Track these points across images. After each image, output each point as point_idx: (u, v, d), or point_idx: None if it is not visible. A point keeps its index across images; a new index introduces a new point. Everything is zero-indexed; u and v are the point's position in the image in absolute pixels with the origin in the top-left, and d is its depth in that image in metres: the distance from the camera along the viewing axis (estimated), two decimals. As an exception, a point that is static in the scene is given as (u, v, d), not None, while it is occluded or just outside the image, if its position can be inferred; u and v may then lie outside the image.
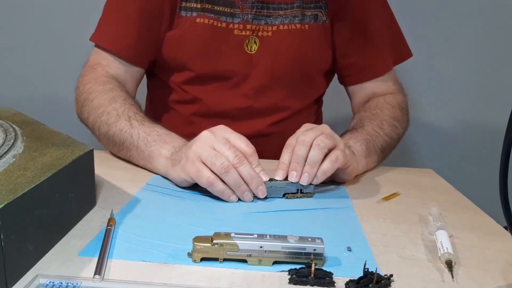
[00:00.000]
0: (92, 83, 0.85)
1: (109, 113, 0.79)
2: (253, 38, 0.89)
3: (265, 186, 0.65)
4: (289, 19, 0.91)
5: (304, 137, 0.67)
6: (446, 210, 0.66)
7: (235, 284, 0.45)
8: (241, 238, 0.48)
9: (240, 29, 0.89)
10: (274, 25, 0.90)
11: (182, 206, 0.63)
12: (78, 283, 0.43)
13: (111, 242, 0.51)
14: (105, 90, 0.83)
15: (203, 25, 0.88)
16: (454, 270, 0.49)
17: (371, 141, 0.83)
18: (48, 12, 1.47)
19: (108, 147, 0.83)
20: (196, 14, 0.88)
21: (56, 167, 0.50)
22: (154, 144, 0.73)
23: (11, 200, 0.41)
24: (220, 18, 0.88)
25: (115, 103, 0.80)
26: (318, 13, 0.93)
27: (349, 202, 0.68)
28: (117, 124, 0.77)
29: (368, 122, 0.87)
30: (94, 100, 0.82)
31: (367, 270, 0.45)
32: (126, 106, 0.80)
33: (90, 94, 0.84)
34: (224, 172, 0.62)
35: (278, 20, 0.90)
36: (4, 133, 0.55)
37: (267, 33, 0.90)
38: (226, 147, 0.64)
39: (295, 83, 0.95)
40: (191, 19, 0.88)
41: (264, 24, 0.90)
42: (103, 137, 0.81)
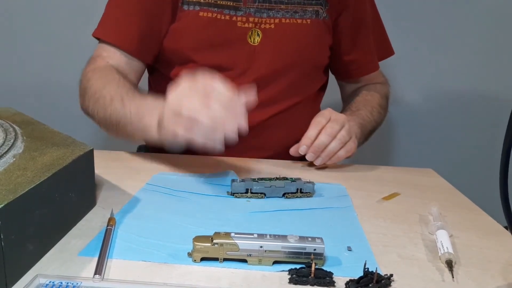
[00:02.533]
0: (91, 73, 0.86)
1: (104, 97, 0.79)
2: (256, 31, 0.91)
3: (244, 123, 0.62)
4: (290, 14, 0.93)
5: (331, 130, 0.82)
6: (446, 210, 0.66)
7: (235, 284, 0.45)
8: (241, 238, 0.48)
9: (243, 21, 0.91)
10: (276, 18, 0.92)
11: (182, 206, 0.63)
12: (78, 283, 0.43)
13: (111, 242, 0.51)
14: (101, 76, 0.84)
15: (207, 18, 0.89)
16: (454, 270, 0.49)
17: (364, 126, 0.96)
18: (49, 11, 1.47)
19: (108, 131, 0.82)
20: (199, 8, 0.89)
21: (56, 167, 0.50)
22: (144, 116, 0.72)
23: (11, 200, 0.41)
24: (224, 11, 0.90)
25: (109, 86, 0.80)
26: (319, 9, 0.96)
27: (349, 202, 0.68)
28: (112, 106, 0.77)
29: (362, 106, 1.00)
30: (91, 87, 0.83)
31: (367, 270, 0.45)
32: (120, 87, 0.80)
33: (88, 82, 0.85)
34: None
35: (280, 14, 0.92)
36: (4, 133, 0.55)
37: (269, 25, 0.92)
38: None
39: (296, 75, 0.96)
40: (194, 13, 0.89)
41: (267, 17, 0.92)
42: (102, 122, 0.81)
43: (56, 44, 1.49)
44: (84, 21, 1.11)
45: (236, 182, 0.67)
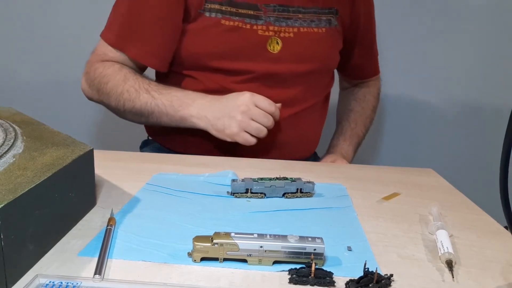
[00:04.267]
0: (101, 68, 0.94)
1: (128, 90, 0.90)
2: (275, 39, 0.94)
3: None
4: (307, 23, 0.97)
5: None
6: (446, 210, 0.66)
7: (235, 284, 0.45)
8: (241, 238, 0.48)
9: (264, 30, 0.94)
10: (295, 27, 0.96)
11: (182, 206, 0.63)
12: (78, 283, 0.43)
13: (111, 242, 0.51)
14: (116, 71, 0.92)
15: (229, 26, 0.92)
16: (454, 270, 0.49)
17: (358, 143, 1.13)
18: (49, 11, 1.47)
19: (134, 118, 0.94)
20: (221, 16, 0.92)
21: (56, 167, 0.50)
22: (181, 109, 0.88)
23: (11, 200, 0.41)
24: (245, 20, 0.93)
25: (128, 80, 0.91)
26: (331, 18, 1.01)
27: (349, 202, 0.68)
28: (140, 99, 0.90)
29: (359, 119, 1.14)
30: (109, 82, 0.92)
31: (367, 270, 0.45)
32: (139, 81, 0.91)
33: (103, 78, 0.93)
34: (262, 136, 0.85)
35: (298, 23, 0.96)
36: (4, 133, 0.55)
37: (288, 34, 0.95)
38: (261, 116, 0.84)
39: (312, 79, 1.01)
40: (215, 20, 0.92)
41: (285, 26, 0.95)
42: (129, 113, 0.92)
43: (56, 44, 1.49)
44: (85, 22, 1.12)
45: (236, 182, 0.67)
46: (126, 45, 0.94)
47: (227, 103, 0.86)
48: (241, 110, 0.83)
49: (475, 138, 1.54)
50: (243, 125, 0.84)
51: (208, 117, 0.86)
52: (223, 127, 0.85)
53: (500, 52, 1.47)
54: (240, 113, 0.84)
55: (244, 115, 0.83)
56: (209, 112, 0.86)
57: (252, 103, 0.84)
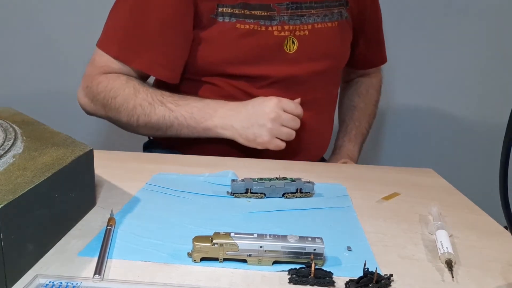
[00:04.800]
0: (105, 82, 0.88)
1: (141, 105, 0.86)
2: (291, 38, 0.92)
3: None
4: (320, 18, 0.95)
5: None
6: (446, 210, 0.66)
7: (235, 284, 0.45)
8: (241, 238, 0.48)
9: (279, 30, 0.91)
10: (309, 24, 0.94)
11: (182, 206, 0.63)
12: (78, 283, 0.43)
13: (111, 242, 0.51)
14: (123, 84, 0.87)
15: (244, 30, 0.88)
16: (454, 270, 0.49)
17: (363, 141, 1.12)
18: (49, 11, 1.47)
19: (149, 132, 0.93)
20: (235, 20, 0.88)
21: (56, 167, 0.50)
22: (204, 121, 0.86)
23: (11, 200, 0.41)
24: (259, 22, 0.89)
25: (139, 93, 0.87)
26: (342, 9, 0.99)
27: (349, 202, 0.68)
28: (156, 112, 0.86)
29: (363, 118, 1.13)
30: (117, 97, 0.87)
31: (367, 270, 0.45)
32: (150, 93, 0.87)
33: (110, 92, 0.87)
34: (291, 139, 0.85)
35: (312, 19, 0.94)
36: (4, 133, 0.55)
37: (303, 32, 0.93)
38: (290, 121, 0.84)
39: (329, 76, 1.00)
40: (230, 25, 0.88)
41: (300, 24, 0.93)
42: (143, 127, 0.89)
43: (56, 44, 1.49)
44: (85, 22, 1.11)
45: (236, 182, 0.67)
46: (131, 57, 0.88)
47: (254, 111, 0.84)
48: (271, 117, 0.82)
49: (475, 138, 1.54)
50: (275, 132, 0.83)
51: (235, 126, 0.84)
52: (254, 137, 0.84)
53: (501, 52, 1.47)
54: (270, 121, 0.82)
55: (274, 123, 0.82)
56: (235, 121, 0.84)
57: (280, 109, 0.83)
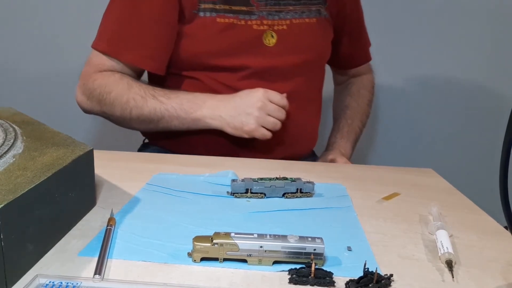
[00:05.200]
0: (100, 79, 0.93)
1: (134, 98, 0.91)
2: (270, 32, 0.96)
3: None
4: (298, 14, 0.99)
5: None
6: (446, 210, 0.66)
7: (235, 284, 0.45)
8: (241, 238, 0.48)
9: (258, 24, 0.95)
10: (287, 19, 0.98)
11: (182, 206, 0.63)
12: (78, 283, 0.43)
13: (111, 242, 0.51)
14: (117, 80, 0.92)
15: (224, 24, 0.93)
16: (454, 270, 0.49)
17: (356, 139, 1.13)
18: (49, 11, 1.47)
19: (141, 126, 0.96)
20: (216, 15, 0.93)
21: (56, 167, 0.50)
22: (193, 111, 0.90)
23: (11, 200, 0.41)
24: (239, 16, 0.94)
25: (132, 88, 0.92)
26: (320, 8, 1.03)
27: (349, 202, 0.68)
28: (148, 105, 0.90)
29: (355, 116, 1.15)
30: (112, 92, 0.92)
31: (367, 270, 0.45)
32: (143, 88, 0.92)
33: (105, 87, 0.92)
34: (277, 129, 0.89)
35: (290, 15, 0.98)
36: (4, 133, 0.55)
37: (282, 26, 0.97)
38: (276, 111, 0.88)
39: (309, 70, 1.02)
40: (211, 19, 0.93)
41: (278, 19, 0.97)
42: (136, 120, 0.92)
43: (56, 44, 1.50)
44: (86, 23, 1.11)
45: (236, 182, 0.67)
46: (120, 51, 0.93)
47: (241, 101, 0.88)
48: (258, 106, 0.86)
49: (475, 138, 1.54)
50: (261, 120, 0.87)
51: (223, 116, 0.88)
52: (241, 125, 0.87)
53: (501, 51, 1.47)
54: (256, 110, 0.86)
55: (261, 111, 0.86)
56: (223, 111, 0.88)
57: (266, 99, 0.87)
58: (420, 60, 1.49)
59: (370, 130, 1.54)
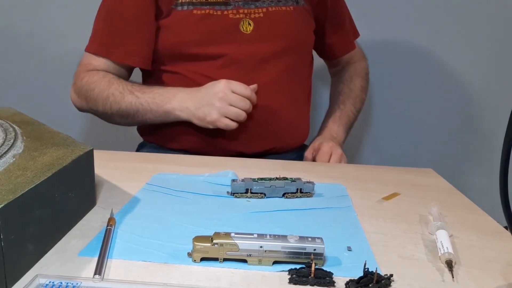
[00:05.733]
0: (87, 77, 0.99)
1: (113, 94, 0.95)
2: (246, 20, 0.99)
3: None
4: (274, 3, 1.02)
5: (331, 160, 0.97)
6: (446, 210, 0.66)
7: (235, 284, 0.45)
8: (241, 238, 0.48)
9: (234, 13, 0.98)
10: (263, 8, 1.01)
11: (182, 206, 0.63)
12: (78, 283, 0.43)
13: (111, 242, 0.51)
14: (100, 78, 0.98)
15: (201, 15, 0.96)
16: (454, 270, 0.49)
17: (349, 124, 1.14)
18: (49, 11, 1.47)
19: (121, 120, 0.99)
20: (193, 8, 0.97)
21: (56, 167, 0.50)
22: (164, 104, 0.93)
23: (11, 200, 0.41)
24: (215, 7, 0.97)
25: (113, 84, 0.96)
26: None
27: (349, 202, 0.68)
28: (125, 100, 0.95)
29: (347, 100, 1.16)
30: (95, 89, 0.97)
31: (367, 270, 0.45)
32: (122, 84, 0.96)
33: (90, 85, 0.98)
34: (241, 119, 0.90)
35: (266, 4, 1.01)
36: (4, 133, 0.55)
37: (258, 14, 1.00)
38: (238, 100, 0.88)
39: (289, 57, 1.03)
40: (187, 12, 0.96)
41: (254, 8, 1.00)
42: (116, 114, 0.97)
43: (57, 44, 1.49)
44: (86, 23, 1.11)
45: (236, 182, 0.67)
46: (110, 50, 0.99)
47: (205, 92, 0.90)
48: (219, 97, 0.88)
49: (475, 138, 1.54)
50: (222, 110, 0.88)
51: (190, 107, 0.91)
52: (204, 115, 0.89)
53: (501, 51, 1.47)
54: (218, 100, 0.88)
55: (222, 101, 0.88)
56: (190, 103, 0.91)
57: (228, 89, 0.88)
58: (420, 60, 1.49)
59: (370, 130, 1.54)
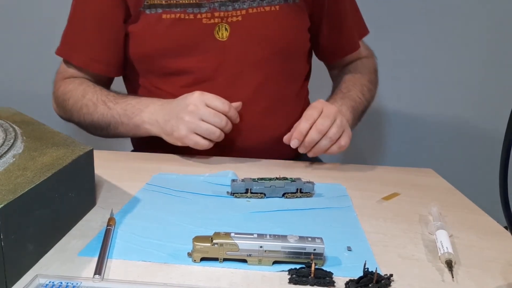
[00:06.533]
0: (63, 86, 0.93)
1: (87, 105, 0.88)
2: (223, 25, 0.87)
3: None
4: (257, 2, 0.89)
5: (322, 127, 0.80)
6: (446, 210, 0.66)
7: (235, 284, 0.45)
8: (241, 238, 0.48)
9: (208, 18, 0.87)
10: (243, 9, 0.88)
11: (182, 206, 0.63)
12: (78, 283, 0.43)
13: (111, 242, 0.51)
14: (75, 87, 0.91)
15: (170, 20, 0.86)
16: (454, 270, 0.49)
17: (356, 108, 0.94)
18: (49, 11, 1.47)
19: (96, 133, 0.91)
20: (162, 11, 0.87)
21: (56, 167, 0.50)
22: (134, 116, 0.84)
23: (11, 200, 0.41)
24: (187, 10, 0.86)
25: (87, 94, 0.89)
26: None
27: (349, 202, 0.68)
28: (97, 111, 0.87)
29: (353, 87, 0.98)
30: (70, 99, 0.91)
31: (367, 270, 0.45)
32: (97, 93, 0.89)
33: (65, 95, 0.92)
34: (215, 138, 0.78)
35: (246, 4, 0.88)
36: (4, 133, 0.55)
37: (236, 18, 0.88)
38: (211, 115, 0.77)
39: (272, 66, 0.92)
40: (156, 16, 0.87)
41: (232, 10, 0.88)
42: (90, 126, 0.90)
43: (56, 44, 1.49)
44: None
45: (236, 182, 0.67)
46: (71, 53, 0.93)
47: (176, 104, 0.80)
48: (189, 110, 0.77)
49: (475, 138, 1.54)
50: (192, 126, 0.77)
51: (159, 121, 0.81)
52: (171, 130, 0.79)
53: (501, 52, 1.47)
54: (187, 114, 0.77)
55: (191, 116, 0.77)
56: (159, 115, 0.81)
57: (201, 102, 0.77)
58: (420, 60, 1.49)
59: (370, 129, 1.54)
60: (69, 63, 0.94)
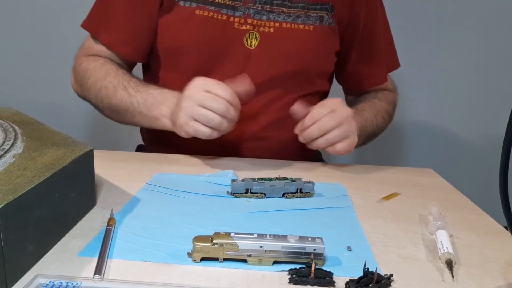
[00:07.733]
0: (85, 63, 0.90)
1: (107, 87, 0.85)
2: (253, 33, 0.86)
3: None
4: (292, 18, 0.88)
5: (324, 125, 0.78)
6: (446, 210, 0.66)
7: (235, 284, 0.45)
8: (241, 238, 0.48)
9: (241, 23, 0.86)
10: (277, 22, 0.88)
11: (182, 206, 0.63)
12: (78, 283, 0.43)
13: (111, 242, 0.51)
14: (98, 66, 0.88)
15: (202, 17, 0.85)
16: (454, 270, 0.49)
17: (365, 128, 0.91)
18: (49, 12, 1.47)
19: (111, 116, 0.90)
20: (196, 6, 0.86)
21: (56, 167, 0.50)
22: (153, 108, 0.81)
23: (11, 200, 0.41)
24: (221, 10, 0.86)
25: (109, 76, 0.86)
26: (324, 15, 0.91)
27: (349, 202, 0.68)
28: (117, 95, 0.84)
29: (368, 108, 0.95)
30: (90, 78, 0.88)
31: (367, 270, 0.45)
32: (119, 77, 0.86)
33: (86, 72, 0.89)
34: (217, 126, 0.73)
35: (281, 17, 0.88)
36: (4, 133, 0.55)
37: (268, 29, 0.87)
38: (209, 99, 0.72)
39: (293, 82, 0.91)
40: (190, 10, 0.86)
41: (266, 20, 0.87)
42: (106, 109, 0.88)
43: (57, 44, 1.49)
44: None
45: (236, 182, 0.67)
46: (99, 30, 0.90)
47: (183, 94, 0.76)
48: (186, 95, 0.74)
49: (475, 138, 1.54)
50: (189, 111, 0.72)
51: (169, 113, 0.79)
52: (175, 120, 0.76)
53: (501, 52, 1.47)
54: (185, 99, 0.73)
55: (189, 100, 0.73)
56: (172, 108, 0.79)
57: (200, 87, 0.73)
58: (420, 60, 1.49)
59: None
60: (96, 40, 0.91)
